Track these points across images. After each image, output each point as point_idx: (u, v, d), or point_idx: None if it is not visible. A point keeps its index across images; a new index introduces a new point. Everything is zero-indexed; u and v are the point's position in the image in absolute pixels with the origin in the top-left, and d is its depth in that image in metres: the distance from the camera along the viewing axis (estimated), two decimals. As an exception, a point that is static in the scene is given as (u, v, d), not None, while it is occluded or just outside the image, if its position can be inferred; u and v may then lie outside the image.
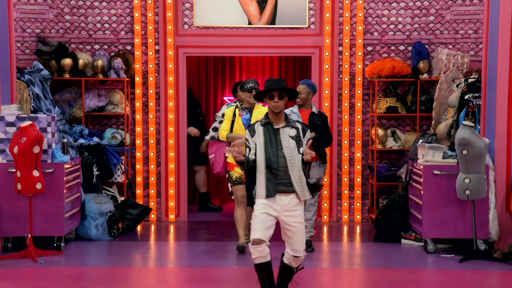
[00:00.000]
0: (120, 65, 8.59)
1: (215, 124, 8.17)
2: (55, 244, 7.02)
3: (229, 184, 7.20)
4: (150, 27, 8.70)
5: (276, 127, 5.05)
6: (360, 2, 8.71)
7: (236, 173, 7.02)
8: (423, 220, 7.06)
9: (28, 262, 6.52)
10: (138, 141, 8.80)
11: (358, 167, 8.81)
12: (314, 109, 7.24)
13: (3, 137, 6.91)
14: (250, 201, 5.18)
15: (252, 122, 6.05)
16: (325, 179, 8.73)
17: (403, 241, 7.54)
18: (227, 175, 7.23)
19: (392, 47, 8.85)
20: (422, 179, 7.09)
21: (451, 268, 6.48)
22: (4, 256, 6.70)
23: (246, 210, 7.02)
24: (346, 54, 8.74)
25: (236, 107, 7.14)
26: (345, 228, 8.54)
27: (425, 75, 8.66)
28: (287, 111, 6.70)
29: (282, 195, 4.97)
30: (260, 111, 6.91)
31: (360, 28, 8.74)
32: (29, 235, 6.67)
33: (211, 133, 8.18)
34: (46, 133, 6.88)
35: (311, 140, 5.09)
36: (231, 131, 7.08)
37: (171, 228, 8.52)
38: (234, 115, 7.07)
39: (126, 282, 6.11)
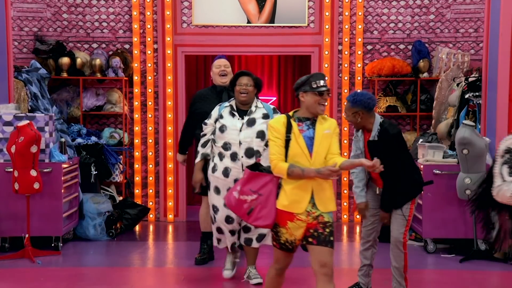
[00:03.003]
0: (118, 64, 8.55)
1: (204, 138, 5.86)
2: (53, 244, 6.99)
3: (272, 239, 4.49)
4: (149, 26, 8.66)
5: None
6: (360, 0, 8.68)
7: (288, 233, 4.29)
8: (423, 220, 7.03)
9: (25, 263, 6.49)
10: (137, 141, 8.76)
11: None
12: (374, 132, 5.21)
13: (0, 137, 6.87)
14: None
15: (316, 140, 4.27)
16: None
17: (403, 241, 7.51)
18: (273, 227, 4.40)
19: (392, 46, 8.81)
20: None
21: (452, 268, 6.46)
22: (1, 257, 6.67)
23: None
24: (346, 53, 8.70)
25: (289, 117, 4.33)
26: (345, 228, 8.52)
27: (425, 74, 8.63)
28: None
29: None
30: (328, 124, 4.34)
31: (360, 26, 8.70)
32: (27, 235, 6.64)
33: (201, 150, 5.88)
34: (43, 133, 6.84)
35: None
36: (285, 157, 4.29)
37: (170, 228, 8.48)
38: (289, 130, 4.28)
39: (124, 283, 6.08)
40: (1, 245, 6.93)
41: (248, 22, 8.81)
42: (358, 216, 8.56)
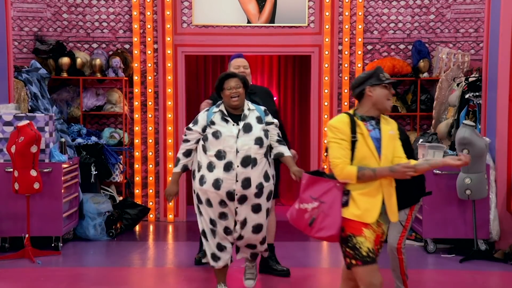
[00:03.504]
0: (119, 64, 8.55)
1: (187, 145, 5.23)
2: (53, 244, 6.99)
3: (347, 260, 3.91)
4: (149, 26, 8.66)
5: None
6: (360, 0, 8.67)
7: (368, 241, 3.84)
8: (423, 220, 7.03)
9: (25, 263, 6.49)
10: (137, 141, 8.76)
11: (358, 166, 8.77)
12: None
13: (0, 137, 6.87)
14: None
15: (383, 142, 3.93)
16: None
17: (403, 241, 7.51)
18: (344, 243, 3.89)
19: (392, 46, 8.81)
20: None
21: (452, 268, 6.45)
22: (1, 257, 6.66)
23: None
24: (346, 53, 8.70)
25: (351, 115, 3.93)
26: (345, 228, 8.50)
27: (426, 74, 8.63)
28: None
29: None
30: (391, 125, 4.03)
31: (360, 26, 8.70)
32: (27, 235, 6.63)
33: (182, 159, 5.23)
34: (43, 133, 6.84)
35: None
36: (351, 159, 3.88)
37: (170, 228, 8.48)
38: (353, 130, 3.88)
39: (124, 283, 6.07)
40: (1, 245, 6.93)
41: (248, 22, 8.80)
42: None
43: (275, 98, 9.90)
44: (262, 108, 5.27)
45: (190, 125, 5.20)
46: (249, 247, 5.38)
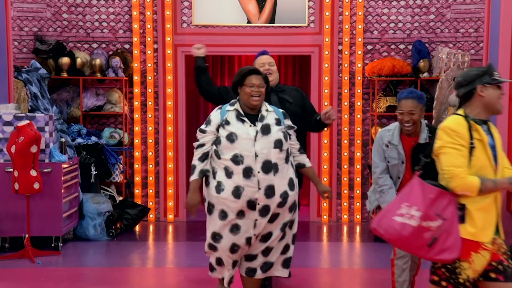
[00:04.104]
0: (118, 64, 8.55)
1: (203, 149, 4.64)
2: (52, 244, 6.99)
3: (434, 278, 3.63)
4: (149, 26, 8.66)
5: None
6: (360, 0, 8.67)
7: (472, 269, 3.41)
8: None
9: (25, 263, 6.49)
10: (137, 141, 8.76)
11: (358, 166, 8.77)
12: (424, 133, 4.77)
13: (0, 137, 6.87)
14: None
15: (498, 149, 3.55)
16: (325, 179, 8.71)
17: (403, 241, 7.49)
18: (452, 268, 3.46)
19: (392, 46, 8.81)
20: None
21: (452, 269, 6.44)
22: (1, 257, 6.66)
23: None
24: (346, 53, 8.70)
25: (467, 118, 3.48)
26: (345, 228, 8.51)
27: (426, 74, 8.63)
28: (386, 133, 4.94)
29: None
30: (496, 130, 3.66)
31: (360, 26, 8.70)
32: (27, 235, 6.63)
33: (199, 165, 4.63)
34: (43, 133, 6.84)
35: None
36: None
37: (170, 228, 8.48)
38: (471, 135, 3.45)
39: (124, 283, 6.07)
40: (1, 245, 6.92)
41: (248, 22, 8.80)
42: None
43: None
44: (281, 110, 4.82)
45: (203, 127, 4.62)
46: (247, 259, 4.73)
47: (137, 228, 8.32)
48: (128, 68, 8.72)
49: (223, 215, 4.52)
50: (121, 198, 8.50)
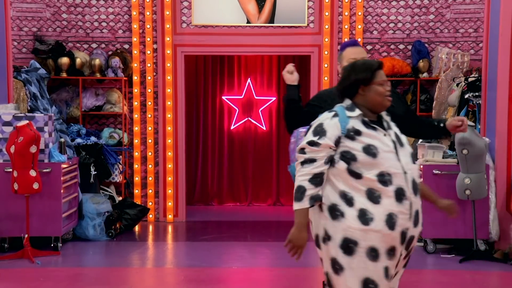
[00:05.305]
0: (118, 64, 8.54)
1: (313, 167, 3.39)
2: (52, 245, 6.98)
3: None
4: (148, 26, 8.65)
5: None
6: (360, 0, 8.67)
7: None
8: (423, 220, 7.01)
9: (25, 263, 6.48)
10: (136, 141, 8.75)
11: (358, 166, 8.76)
12: None
13: (-1, 137, 6.87)
14: None
15: None
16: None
17: (403, 241, 7.49)
18: None
19: (392, 46, 8.81)
20: (421, 179, 7.04)
21: (451, 269, 6.44)
22: (1, 257, 6.66)
23: None
24: (346, 53, 8.68)
25: None
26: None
27: (425, 74, 8.63)
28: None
29: None
30: None
31: (359, 27, 8.70)
32: (26, 236, 6.62)
33: (311, 189, 3.37)
34: (43, 133, 6.83)
35: None
36: None
37: (169, 228, 8.47)
38: None
39: (124, 283, 6.07)
40: (0, 245, 6.91)
41: (248, 22, 8.79)
42: None
43: (274, 99, 9.81)
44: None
45: (314, 138, 3.38)
46: None
47: (136, 228, 8.31)
48: (127, 68, 8.71)
49: (374, 254, 3.32)
50: (120, 198, 8.50)
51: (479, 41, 8.55)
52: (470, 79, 7.57)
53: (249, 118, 10.06)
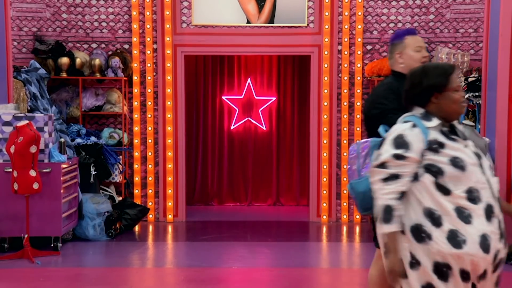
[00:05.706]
0: (118, 64, 8.54)
1: (399, 184, 3.07)
2: (52, 245, 6.98)
3: None
4: (148, 26, 8.65)
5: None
6: (360, 0, 8.67)
7: None
8: (423, 220, 7.01)
9: (24, 263, 6.48)
10: (136, 141, 8.75)
11: (358, 166, 8.76)
12: None
13: (-1, 137, 6.87)
14: None
15: None
16: (324, 179, 8.70)
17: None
18: None
19: (392, 46, 8.79)
20: None
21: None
22: (0, 257, 6.65)
23: None
24: (346, 53, 8.70)
25: None
26: (344, 228, 8.50)
27: (425, 74, 8.62)
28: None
29: None
30: None
31: (359, 27, 8.70)
32: (26, 236, 6.62)
33: (396, 208, 3.05)
34: (43, 133, 6.83)
35: None
36: None
37: (169, 228, 8.47)
38: None
39: (124, 283, 6.07)
40: (0, 245, 6.91)
41: (248, 22, 8.79)
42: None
43: (273, 99, 9.82)
44: None
45: (398, 151, 3.06)
46: None
47: (136, 228, 8.31)
48: (127, 68, 8.71)
49: (465, 276, 3.04)
50: (120, 198, 8.50)
51: (479, 41, 8.55)
52: (470, 79, 7.57)
53: (249, 118, 10.06)
